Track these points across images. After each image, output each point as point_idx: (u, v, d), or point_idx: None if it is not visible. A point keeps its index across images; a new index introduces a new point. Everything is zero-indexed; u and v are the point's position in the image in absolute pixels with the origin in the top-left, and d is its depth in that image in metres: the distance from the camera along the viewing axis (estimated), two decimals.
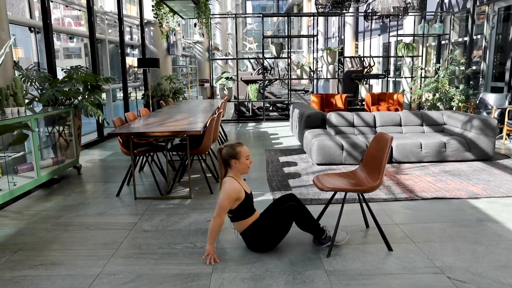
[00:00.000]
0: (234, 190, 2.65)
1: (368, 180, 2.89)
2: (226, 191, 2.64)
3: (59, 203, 3.95)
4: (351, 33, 15.35)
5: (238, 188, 2.68)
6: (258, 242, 2.75)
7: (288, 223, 2.74)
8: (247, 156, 2.75)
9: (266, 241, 2.74)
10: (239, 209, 2.71)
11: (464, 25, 9.32)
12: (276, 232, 2.74)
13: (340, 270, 2.53)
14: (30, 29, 6.69)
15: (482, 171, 4.80)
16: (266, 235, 2.73)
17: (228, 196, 2.63)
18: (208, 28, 9.99)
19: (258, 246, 2.76)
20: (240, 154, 2.72)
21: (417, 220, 3.34)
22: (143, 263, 2.67)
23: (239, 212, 2.72)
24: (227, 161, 2.73)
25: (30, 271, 2.58)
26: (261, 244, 2.75)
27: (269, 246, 2.76)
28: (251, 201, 2.79)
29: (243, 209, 2.72)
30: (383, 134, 2.91)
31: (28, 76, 4.98)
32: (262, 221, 2.77)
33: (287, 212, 2.71)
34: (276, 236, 2.75)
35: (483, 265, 2.55)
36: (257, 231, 2.74)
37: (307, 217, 2.75)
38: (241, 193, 2.69)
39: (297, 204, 2.79)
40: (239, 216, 2.73)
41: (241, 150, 2.73)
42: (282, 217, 2.72)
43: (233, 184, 2.68)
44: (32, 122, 4.06)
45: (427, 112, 6.22)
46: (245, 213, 2.74)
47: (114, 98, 10.01)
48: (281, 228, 2.74)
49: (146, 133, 3.89)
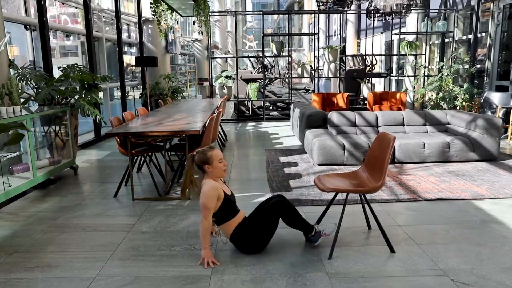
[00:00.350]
0: (213, 187, 2.66)
1: (370, 181, 2.89)
2: (204, 191, 2.65)
3: (56, 204, 3.95)
4: (353, 31, 15.35)
5: (215, 185, 2.68)
6: (247, 243, 2.75)
7: (275, 220, 2.76)
8: (219, 160, 2.76)
9: (255, 241, 2.75)
10: (221, 210, 2.72)
11: (469, 22, 9.32)
12: (263, 231, 2.75)
13: (342, 272, 2.53)
14: (25, 26, 6.69)
15: (486, 171, 4.79)
16: (254, 235, 2.74)
17: (207, 195, 2.63)
18: (207, 26, 9.99)
19: (248, 248, 2.77)
20: (212, 159, 2.73)
21: (420, 221, 3.34)
22: (141, 265, 2.67)
23: (221, 213, 2.73)
24: (201, 167, 2.75)
25: (25, 274, 2.58)
26: (251, 244, 2.75)
27: (259, 246, 2.77)
28: (232, 202, 2.79)
29: (225, 209, 2.73)
30: (385, 134, 2.91)
31: (23, 74, 4.98)
32: (248, 222, 2.78)
33: (273, 208, 2.73)
34: (264, 234, 2.75)
35: (488, 268, 2.55)
36: (244, 232, 2.74)
37: (293, 213, 2.77)
38: (220, 191, 2.69)
39: (282, 199, 2.80)
40: (222, 217, 2.74)
41: (213, 154, 2.74)
42: (268, 214, 2.74)
43: (210, 183, 2.69)
44: (28, 122, 4.06)
45: (430, 111, 6.22)
46: (228, 214, 2.75)
47: (112, 97, 10.01)
48: (268, 225, 2.75)
49: (144, 133, 3.89)
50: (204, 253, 2.66)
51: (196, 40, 16.03)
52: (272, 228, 2.78)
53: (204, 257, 2.65)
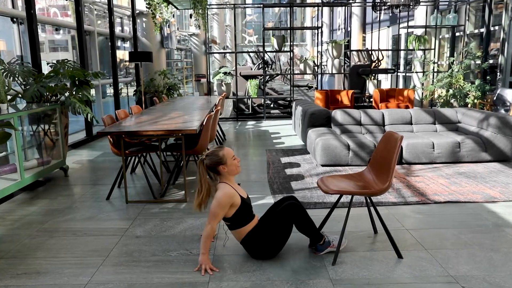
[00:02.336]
0: (227, 195, 2.65)
1: (376, 183, 2.89)
2: (217, 197, 2.64)
3: (44, 207, 3.95)
4: (358, 24, 15.36)
5: (231, 193, 2.67)
6: (259, 248, 2.75)
7: (288, 224, 2.75)
8: (233, 157, 2.76)
9: (268, 247, 2.74)
10: (236, 216, 2.71)
11: (481, 15, 9.32)
12: (277, 236, 2.74)
13: (346, 279, 2.53)
14: (12, 19, 6.69)
15: (499, 172, 4.79)
16: (267, 240, 2.73)
17: (220, 202, 2.62)
18: (204, 20, 9.99)
19: (260, 253, 2.76)
20: (225, 158, 2.72)
21: (429, 225, 3.34)
22: (135, 271, 2.66)
23: (236, 219, 2.72)
24: (215, 169, 2.74)
25: (12, 281, 2.58)
26: (263, 250, 2.75)
27: (272, 252, 2.77)
28: (249, 206, 2.79)
29: (241, 215, 2.72)
30: (392, 133, 2.91)
31: (10, 70, 4.98)
32: (261, 226, 2.77)
33: (286, 211, 2.72)
34: (278, 240, 2.75)
35: (501, 274, 2.55)
36: (257, 237, 2.74)
37: (306, 218, 2.77)
38: (236, 198, 2.69)
39: (296, 202, 2.80)
40: (237, 223, 2.73)
41: (225, 153, 2.73)
42: (282, 218, 2.73)
43: (225, 189, 2.68)
44: (15, 120, 4.06)
45: (440, 109, 6.22)
46: (244, 219, 2.74)
47: (104, 94, 10.01)
48: (281, 230, 2.75)
49: (138, 132, 3.89)
50: (202, 259, 2.65)
51: (193, 35, 16.04)
52: (286, 234, 2.77)
53: (202, 263, 2.64)
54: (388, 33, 13.69)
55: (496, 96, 7.54)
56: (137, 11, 10.22)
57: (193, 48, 16.37)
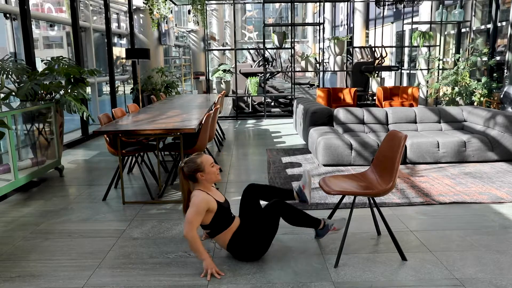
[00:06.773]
0: (203, 201, 2.65)
1: (379, 183, 2.89)
2: (194, 204, 2.64)
3: (39, 208, 3.95)
4: (361, 20, 15.33)
5: (207, 199, 2.68)
6: (245, 250, 2.75)
7: (274, 221, 2.76)
8: (211, 164, 2.78)
9: (254, 248, 2.75)
10: (215, 221, 2.72)
11: (487, 11, 9.31)
12: (262, 235, 2.75)
13: (349, 281, 2.53)
14: (5, 15, 6.68)
15: (506, 172, 4.80)
16: (253, 241, 2.74)
17: (197, 209, 2.62)
18: (203, 16, 9.99)
19: (246, 255, 2.77)
20: (203, 165, 2.74)
21: (434, 226, 3.34)
22: (132, 274, 2.67)
23: (215, 224, 2.73)
24: (193, 176, 2.75)
25: (6, 284, 2.58)
26: (249, 251, 2.76)
27: (258, 252, 2.77)
28: (226, 209, 2.80)
29: (219, 220, 2.73)
30: (396, 132, 2.91)
31: (3, 67, 4.98)
32: (245, 227, 2.79)
33: (271, 208, 2.74)
34: (264, 239, 2.76)
35: (509, 277, 2.55)
36: (242, 239, 2.75)
37: (293, 209, 2.79)
38: (212, 203, 2.69)
39: (281, 200, 2.82)
40: (217, 229, 2.74)
41: (203, 160, 2.75)
42: (267, 216, 2.75)
43: (201, 195, 2.68)
44: (9, 119, 4.06)
45: (445, 107, 6.23)
46: (223, 224, 2.75)
47: (100, 92, 10.01)
48: (267, 228, 2.75)
49: (136, 131, 3.89)
50: (206, 263, 2.62)
51: (192, 31, 16.05)
52: (272, 231, 2.78)
53: (207, 267, 2.61)
54: (392, 29, 13.69)
55: (503, 94, 7.54)
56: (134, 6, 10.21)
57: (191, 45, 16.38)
